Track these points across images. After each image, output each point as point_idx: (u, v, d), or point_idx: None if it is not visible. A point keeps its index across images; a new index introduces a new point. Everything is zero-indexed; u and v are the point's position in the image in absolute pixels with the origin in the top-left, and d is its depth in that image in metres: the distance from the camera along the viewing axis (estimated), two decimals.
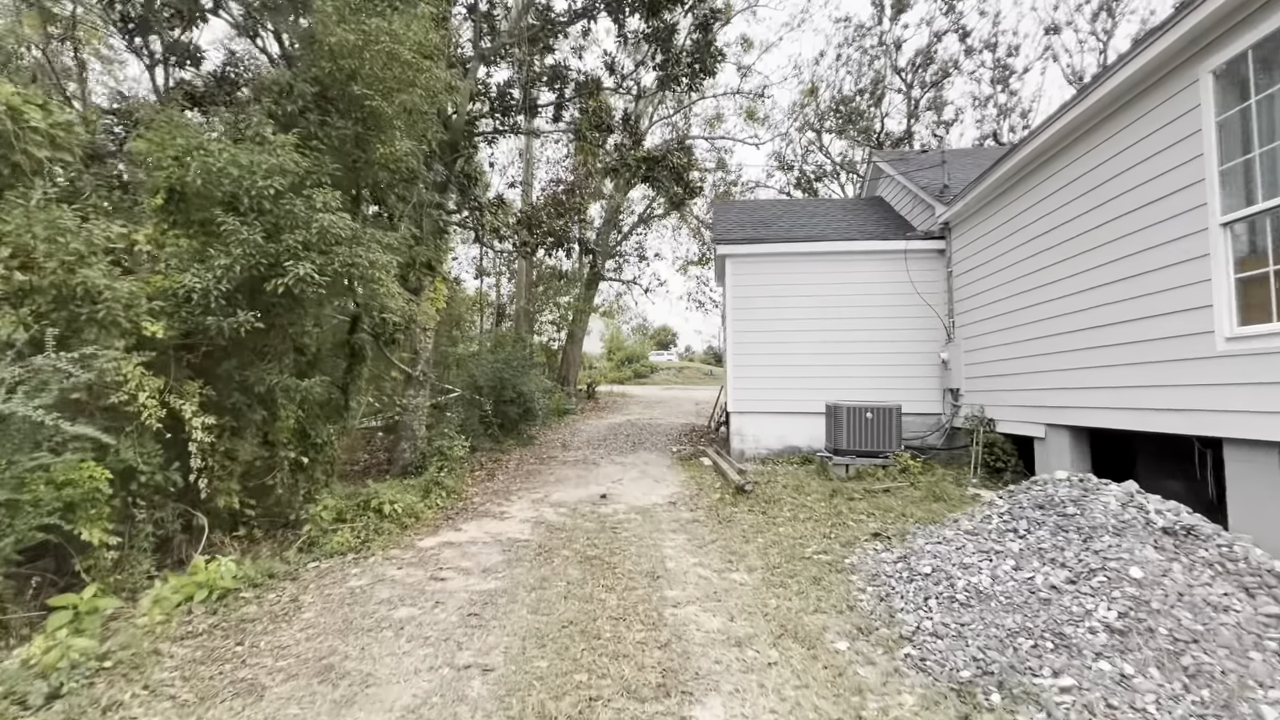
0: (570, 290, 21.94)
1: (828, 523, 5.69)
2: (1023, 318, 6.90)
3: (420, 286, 9.40)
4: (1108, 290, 5.41)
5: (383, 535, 5.59)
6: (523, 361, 13.38)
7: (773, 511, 6.24)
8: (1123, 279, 5.21)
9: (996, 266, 7.56)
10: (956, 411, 8.80)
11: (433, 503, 6.95)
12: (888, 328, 9.46)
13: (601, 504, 7.06)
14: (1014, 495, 4.02)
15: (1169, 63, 4.65)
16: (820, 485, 7.34)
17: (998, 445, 7.52)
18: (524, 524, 6.12)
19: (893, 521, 5.56)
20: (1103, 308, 5.49)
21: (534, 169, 19.39)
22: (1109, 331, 5.41)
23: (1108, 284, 5.40)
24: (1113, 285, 5.34)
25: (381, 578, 4.58)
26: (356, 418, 11.19)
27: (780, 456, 9.59)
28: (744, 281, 9.88)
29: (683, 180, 10.05)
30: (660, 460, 10.60)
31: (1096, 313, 5.58)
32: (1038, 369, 6.61)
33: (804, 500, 6.61)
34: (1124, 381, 5.23)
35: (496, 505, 7.07)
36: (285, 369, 5.25)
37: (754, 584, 4.29)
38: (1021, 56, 22.70)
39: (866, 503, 6.37)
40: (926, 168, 11.19)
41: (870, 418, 7.95)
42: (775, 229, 10.73)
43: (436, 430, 9.74)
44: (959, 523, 4.29)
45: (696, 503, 7.02)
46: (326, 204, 4.52)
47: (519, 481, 8.63)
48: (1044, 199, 6.43)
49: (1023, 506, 3.80)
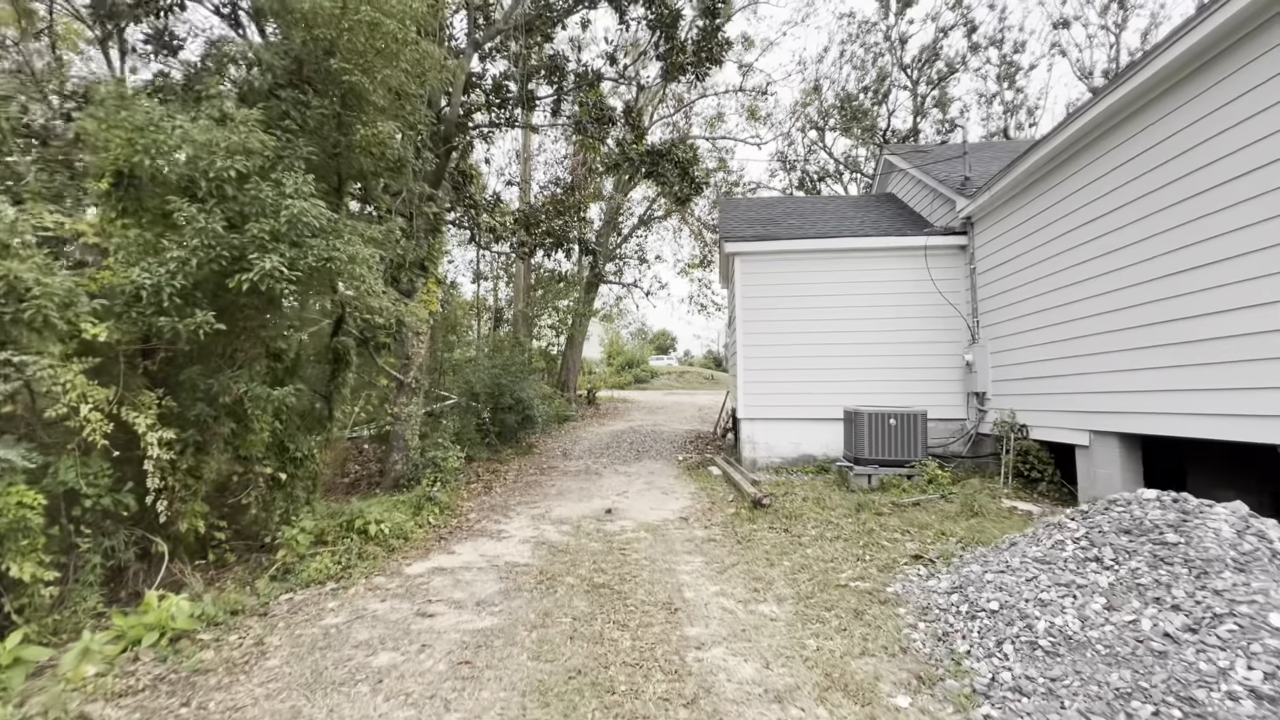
0: (570, 294, 21.42)
1: (859, 542, 5.15)
2: (1063, 315, 6.38)
3: (412, 288, 8.89)
4: (1174, 282, 4.87)
5: (367, 560, 5.04)
6: (521, 367, 12.84)
7: (796, 529, 5.70)
8: (1195, 268, 4.66)
9: (1029, 261, 7.05)
10: (982, 417, 8.28)
11: (424, 520, 6.40)
12: (907, 328, 8.95)
13: (607, 520, 6.52)
14: (1089, 517, 3.49)
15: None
16: (842, 498, 6.80)
17: (1032, 454, 6.99)
18: (523, 545, 5.58)
19: (932, 541, 5.02)
20: (1166, 302, 4.96)
21: (532, 168, 18.91)
22: (1173, 328, 4.88)
23: (1175, 274, 4.86)
24: (1181, 276, 4.80)
25: (361, 613, 4.03)
26: (344, 428, 10.66)
27: (794, 466, 9.05)
28: (754, 281, 9.37)
29: (688, 175, 9.55)
30: (666, 470, 10.06)
31: (1157, 308, 5.05)
32: (1081, 370, 6.09)
33: (828, 515, 6.08)
34: (1190, 384, 4.71)
35: (494, 523, 6.53)
36: (256, 376, 4.72)
37: (787, 618, 3.75)
38: (1028, 53, 22.27)
39: (898, 518, 5.83)
40: (943, 160, 10.72)
41: (894, 424, 7.43)
42: (784, 226, 10.23)
43: (430, 440, 9.21)
44: (1020, 547, 3.76)
45: (710, 518, 6.48)
46: (298, 189, 4.00)
47: (518, 495, 8.09)
48: (1090, 184, 5.90)
49: (1103, 531, 3.26)
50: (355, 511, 5.60)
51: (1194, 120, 4.70)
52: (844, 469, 7.74)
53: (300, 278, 4.14)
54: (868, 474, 7.39)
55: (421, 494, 6.94)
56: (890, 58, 19.54)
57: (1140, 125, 5.26)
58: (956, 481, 7.26)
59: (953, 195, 8.81)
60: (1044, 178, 6.64)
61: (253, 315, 4.74)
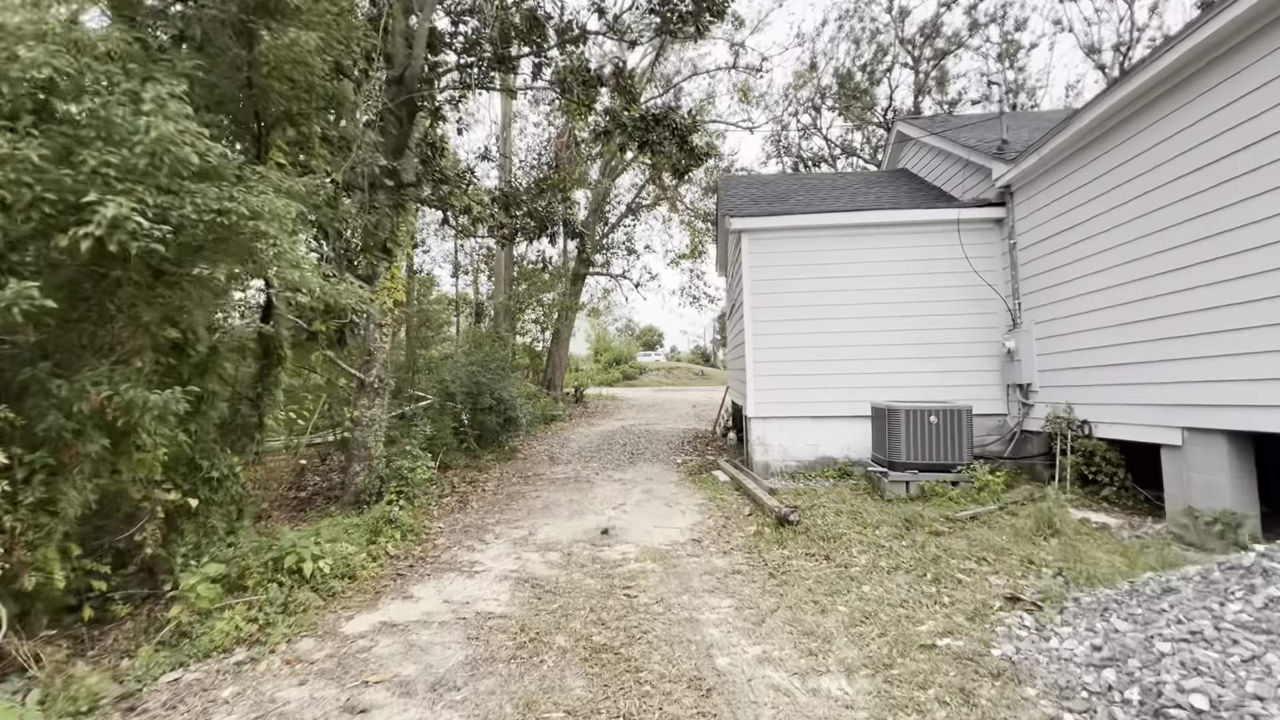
0: (555, 286, 20.23)
1: (926, 575, 4.09)
2: (1143, 290, 5.37)
3: (373, 274, 7.69)
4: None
5: (295, 614, 3.87)
6: (502, 363, 11.66)
7: (839, 555, 4.63)
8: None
9: (1092, 230, 6.04)
10: (1027, 412, 7.28)
11: (381, 549, 5.24)
12: (936, 313, 7.93)
13: (604, 543, 5.40)
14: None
15: None
16: (881, 511, 5.75)
17: (1099, 454, 5.99)
18: (501, 583, 4.44)
19: (1021, 574, 3.97)
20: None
21: (512, 144, 17.66)
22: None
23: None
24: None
25: (266, 706, 2.88)
26: (300, 434, 9.42)
27: (813, 470, 8.01)
28: (764, 262, 8.29)
29: (686, 144, 8.44)
30: (666, 475, 8.97)
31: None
32: (1172, 355, 5.09)
33: (873, 536, 5.02)
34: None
35: (466, 550, 5.38)
36: (139, 375, 3.52)
37: (866, 703, 2.67)
38: (1029, 32, 21.44)
39: (960, 539, 4.79)
40: (965, 127, 9.72)
41: (935, 422, 6.39)
42: (792, 203, 9.17)
43: (398, 447, 8.04)
44: (1187, 597, 2.71)
45: (727, 539, 5.39)
46: (160, 103, 2.81)
47: (498, 510, 6.94)
48: (1191, 126, 4.85)
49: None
50: (288, 545, 4.41)
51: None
52: (876, 475, 6.70)
53: (183, 238, 2.97)
54: (905, 480, 6.36)
55: (379, 516, 5.77)
56: (891, 34, 18.59)
57: (1267, 48, 4.24)
58: (1010, 487, 6.25)
59: (987, 162, 7.80)
60: (1118, 127, 5.61)
61: (135, 293, 3.54)
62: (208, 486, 4.52)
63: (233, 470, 4.71)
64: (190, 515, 4.42)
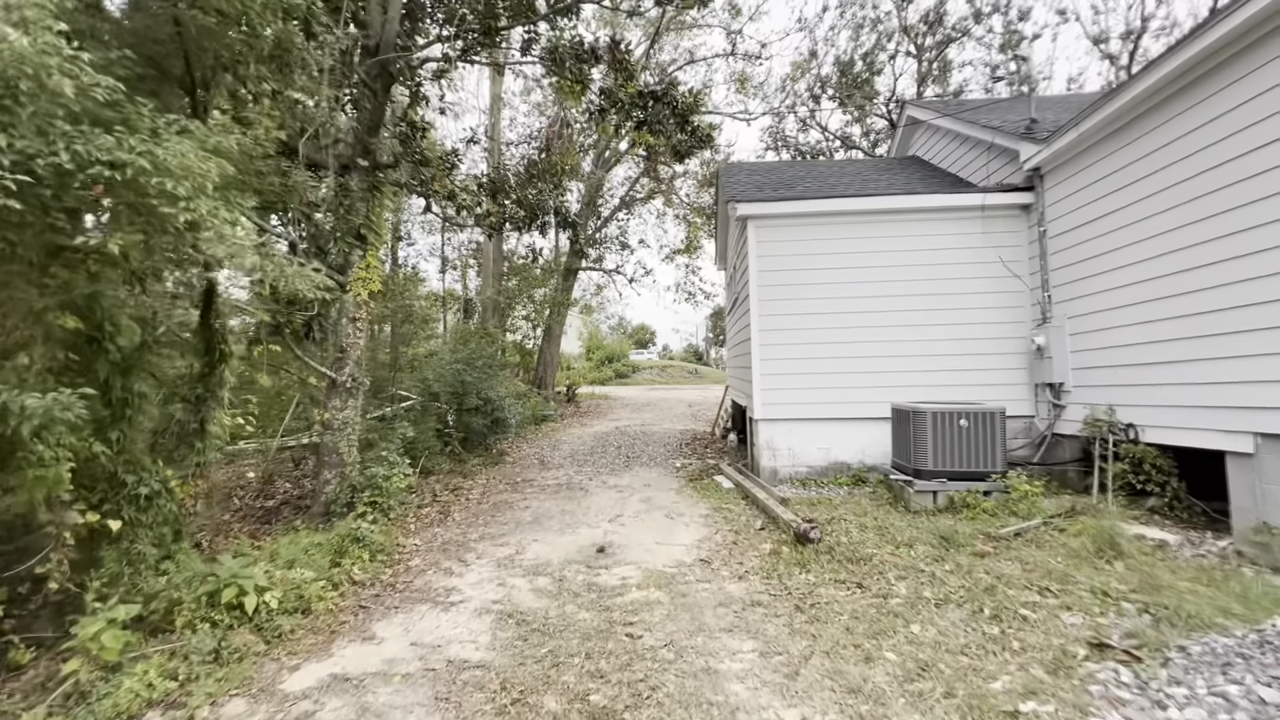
0: (547, 282, 19.52)
1: (981, 609, 3.47)
2: (1205, 279, 4.78)
3: (346, 263, 7.01)
4: None
5: (227, 664, 3.18)
6: (489, 361, 10.97)
7: (873, 581, 4.01)
8: None
9: (1141, 213, 5.45)
10: (1058, 414, 6.71)
11: (345, 574, 4.56)
12: (957, 306, 7.35)
13: (600, 564, 4.75)
14: None
15: None
16: (910, 525, 5.15)
17: (1148, 461, 5.41)
18: (481, 619, 3.78)
19: (1098, 609, 3.36)
20: None
21: (500, 130, 16.94)
22: None
23: None
24: None
25: None
26: (271, 436, 8.71)
27: (824, 476, 7.40)
28: (773, 251, 7.66)
29: (688, 124, 7.80)
30: (665, 481, 8.34)
31: None
32: (1239, 351, 4.51)
33: (908, 557, 4.40)
34: None
35: (443, 574, 4.71)
36: (25, 373, 2.84)
37: None
38: (1031, 22, 20.96)
39: (1010, 562, 4.18)
40: (979, 108, 9.14)
41: (965, 426, 5.80)
42: (802, 190, 8.55)
43: (374, 452, 7.36)
44: None
45: (740, 559, 4.76)
46: (10, 8, 2.12)
47: (482, 523, 6.28)
48: (1265, 93, 4.28)
49: None
50: (228, 574, 3.73)
51: None
52: (898, 483, 6.10)
53: (66, 197, 2.29)
54: (932, 490, 5.76)
55: (345, 533, 5.08)
56: (894, 21, 18.01)
57: None
58: (1048, 497, 5.67)
59: (1013, 144, 7.20)
60: (1179, 96, 5.01)
61: (17, 272, 2.85)
62: (134, 505, 3.83)
63: (166, 485, 4.02)
64: (112, 540, 3.73)
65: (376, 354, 12.36)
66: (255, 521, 7.11)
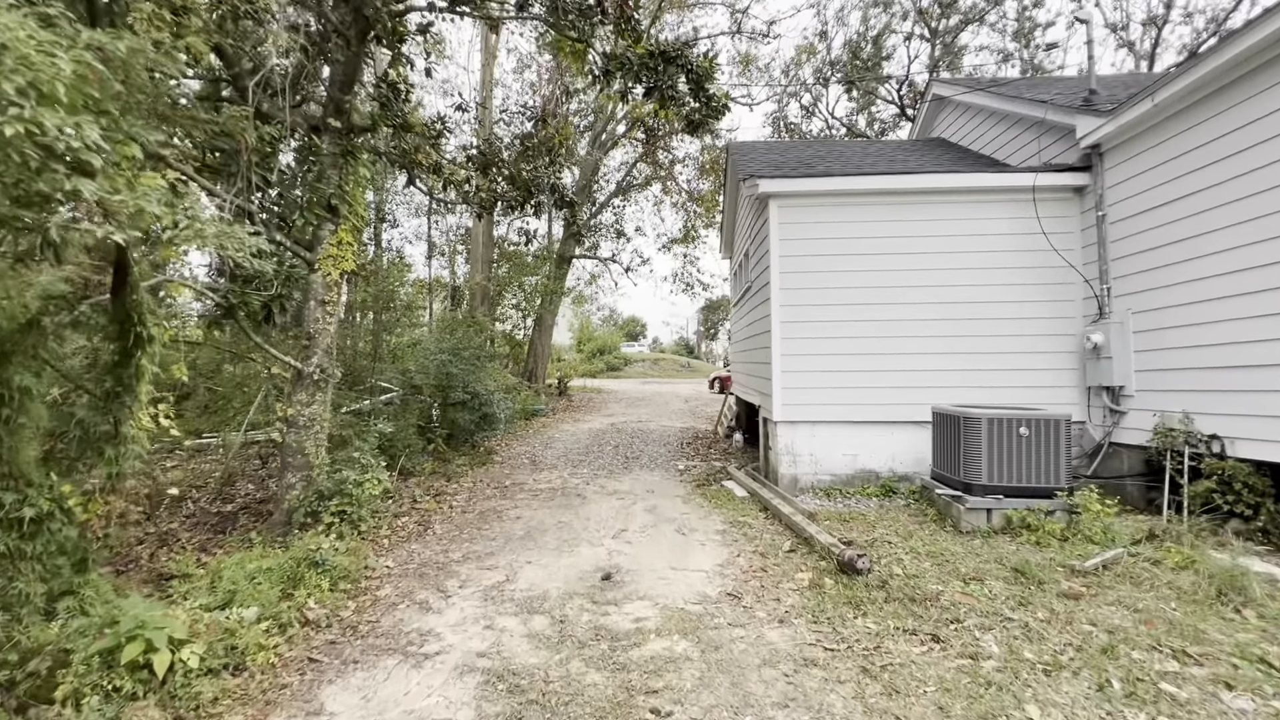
0: (539, 270, 18.60)
1: (1108, 680, 2.71)
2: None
3: (315, 239, 6.15)
4: None
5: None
6: (477, 351, 10.10)
7: (949, 630, 3.24)
8: None
9: (1235, 194, 4.72)
10: (1117, 421, 6.00)
11: (296, 609, 3.72)
12: (1000, 299, 6.61)
13: (608, 598, 3.95)
14: None
15: None
16: (969, 551, 4.41)
17: (1238, 479, 4.70)
18: (463, 681, 2.97)
19: (1271, 687, 2.61)
20: None
21: (492, 97, 15.95)
22: None
23: None
24: None
25: None
26: (235, 430, 7.84)
27: (851, 486, 6.65)
28: (797, 234, 6.86)
29: (703, 90, 6.94)
30: (669, 486, 7.56)
31: None
32: None
33: (983, 596, 3.64)
34: None
35: (418, 610, 3.89)
36: None
37: None
38: (1045, 10, 20.22)
39: (1110, 606, 3.43)
40: (1012, 83, 8.37)
41: (1025, 434, 5.05)
42: (827, 168, 7.75)
43: (347, 452, 6.52)
44: None
45: (776, 593, 3.98)
46: None
47: (466, 538, 5.46)
48: None
49: None
50: (136, 622, 2.87)
51: None
52: (944, 498, 5.35)
53: None
54: (986, 508, 5.02)
55: (301, 556, 4.24)
56: (910, 2, 17.19)
57: None
58: (1117, 516, 4.95)
59: (1067, 118, 6.44)
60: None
61: None
62: (14, 532, 2.97)
63: (61, 505, 3.15)
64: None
65: (356, 343, 11.45)
66: (208, 530, 6.25)
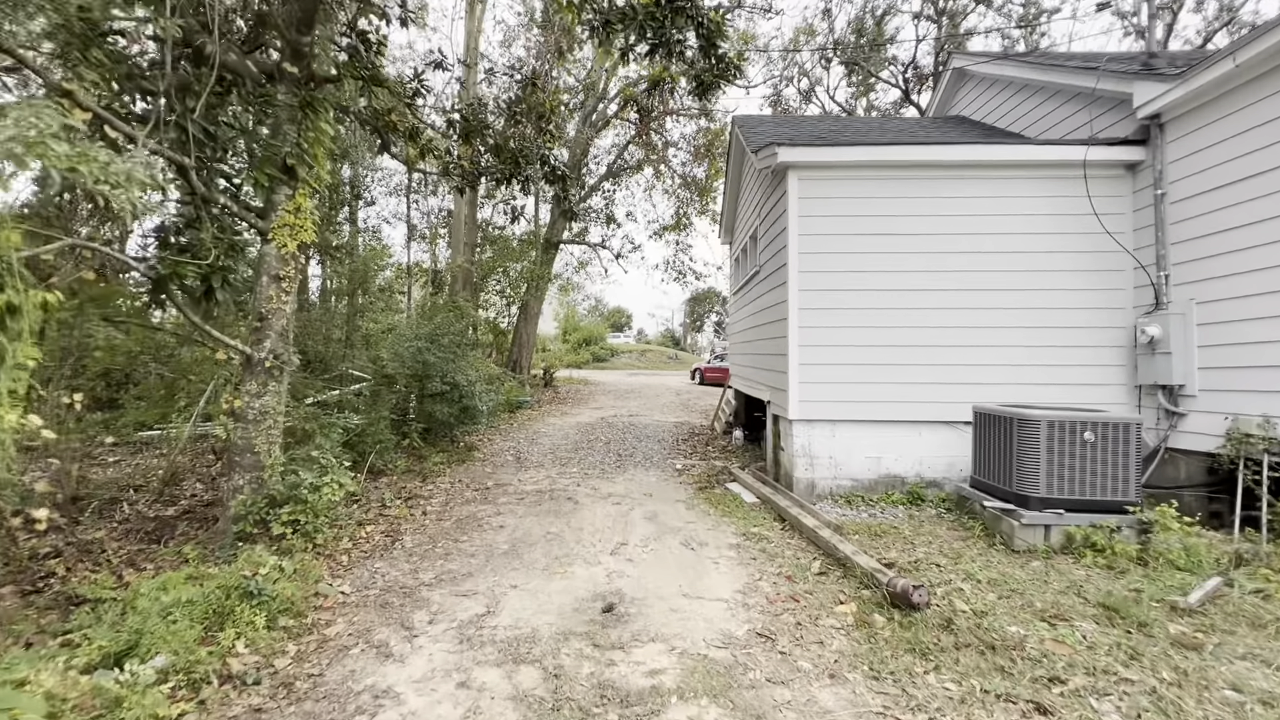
0: (526, 254, 17.70)
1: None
2: None
3: (269, 205, 5.31)
4: None
5: None
6: (457, 339, 9.26)
7: (1053, 696, 2.55)
8: None
9: None
10: (1174, 423, 5.39)
11: (219, 658, 2.92)
12: (1039, 286, 5.97)
13: (611, 641, 3.20)
14: None
15: None
16: (1035, 578, 3.74)
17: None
18: None
19: None
20: None
21: (477, 51, 14.95)
22: None
23: None
24: None
25: None
26: (189, 424, 6.97)
27: (873, 492, 5.99)
28: (820, 210, 6.13)
29: (713, 48, 6.16)
30: (669, 489, 6.84)
31: None
32: None
33: (1076, 644, 2.96)
34: None
35: (375, 656, 3.10)
36: None
37: None
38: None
39: (1244, 662, 2.78)
40: (1043, 53, 7.71)
41: (1089, 440, 4.40)
42: (852, 137, 7.01)
43: (306, 449, 5.72)
44: None
45: (816, 631, 3.26)
46: None
47: (440, 554, 4.68)
48: None
49: None
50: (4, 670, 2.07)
51: None
52: (991, 511, 4.69)
53: None
54: (1045, 524, 4.36)
55: (234, 583, 3.43)
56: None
57: None
58: (1188, 532, 4.31)
59: (1122, 86, 5.77)
60: None
61: None
62: None
63: None
64: None
65: (329, 330, 10.52)
66: (141, 539, 5.41)
